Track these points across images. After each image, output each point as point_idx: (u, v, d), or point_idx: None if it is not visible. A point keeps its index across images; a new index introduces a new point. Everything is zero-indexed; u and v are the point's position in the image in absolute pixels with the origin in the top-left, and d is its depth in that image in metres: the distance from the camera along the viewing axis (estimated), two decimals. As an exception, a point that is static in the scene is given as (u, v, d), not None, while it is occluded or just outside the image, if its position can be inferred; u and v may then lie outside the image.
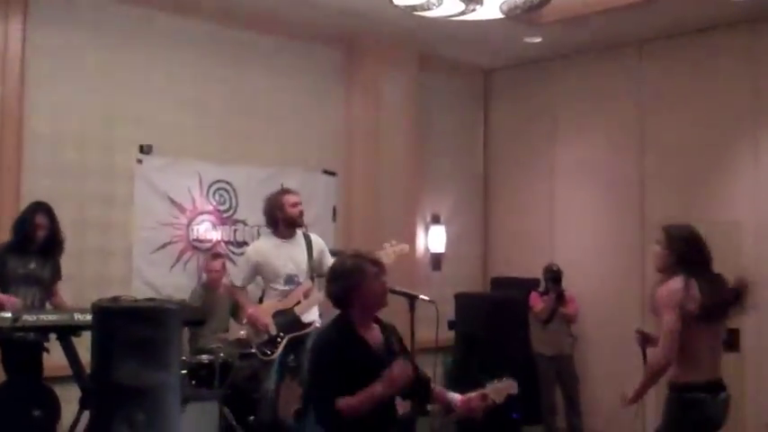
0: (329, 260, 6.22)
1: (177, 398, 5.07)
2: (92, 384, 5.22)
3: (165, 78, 7.91)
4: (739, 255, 8.10)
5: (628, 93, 9.09)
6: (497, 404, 4.07)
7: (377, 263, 4.02)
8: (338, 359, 3.81)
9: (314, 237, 6.67)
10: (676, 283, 4.90)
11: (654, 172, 8.84)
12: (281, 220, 6.54)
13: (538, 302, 8.73)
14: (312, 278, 6.50)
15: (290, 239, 6.55)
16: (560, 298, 8.70)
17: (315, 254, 6.54)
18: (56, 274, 6.65)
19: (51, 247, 6.55)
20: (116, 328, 4.92)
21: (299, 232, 6.62)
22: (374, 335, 4.01)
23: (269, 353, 6.42)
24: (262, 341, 6.46)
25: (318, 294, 6.32)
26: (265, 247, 6.60)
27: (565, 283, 8.73)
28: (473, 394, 4.09)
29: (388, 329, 4.10)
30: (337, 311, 4.06)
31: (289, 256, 6.50)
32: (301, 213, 6.55)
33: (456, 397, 4.12)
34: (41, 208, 6.47)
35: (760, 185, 8.08)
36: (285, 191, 6.70)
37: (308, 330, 6.45)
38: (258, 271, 6.59)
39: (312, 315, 6.51)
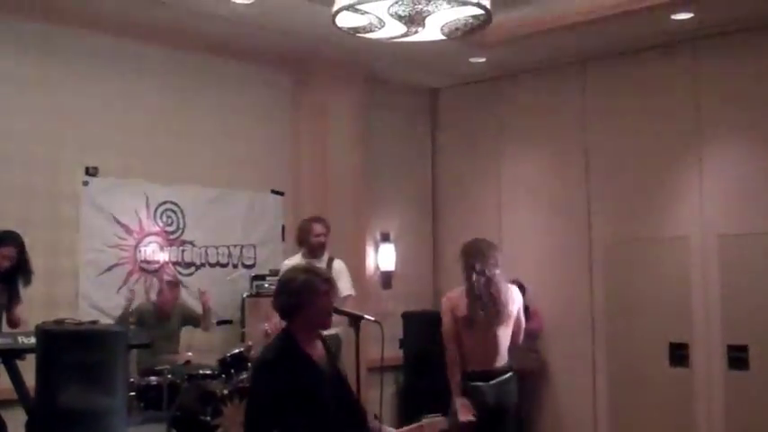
0: (342, 283, 6.85)
1: (123, 421, 5.07)
2: (37, 408, 5.19)
3: (111, 100, 7.89)
4: (686, 270, 8.25)
5: (572, 111, 9.20)
6: None
7: (328, 280, 4.05)
8: (279, 375, 3.80)
9: (337, 262, 7.35)
10: (454, 291, 5.95)
11: (600, 189, 8.95)
12: (306, 245, 7.32)
13: None
14: None
15: (313, 260, 6.99)
16: None
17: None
18: (14, 299, 6.56)
19: (15, 275, 6.51)
20: (60, 352, 4.93)
21: (326, 255, 7.33)
22: (317, 351, 4.01)
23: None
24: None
25: None
26: (292, 263, 7.04)
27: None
28: (409, 427, 4.13)
29: (330, 347, 4.13)
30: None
31: None
32: (321, 245, 7.31)
33: (392, 431, 4.16)
34: (9, 239, 6.45)
35: (705, 201, 8.19)
36: (315, 219, 7.46)
37: None
38: None
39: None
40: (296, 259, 7.21)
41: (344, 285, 6.98)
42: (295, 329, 3.95)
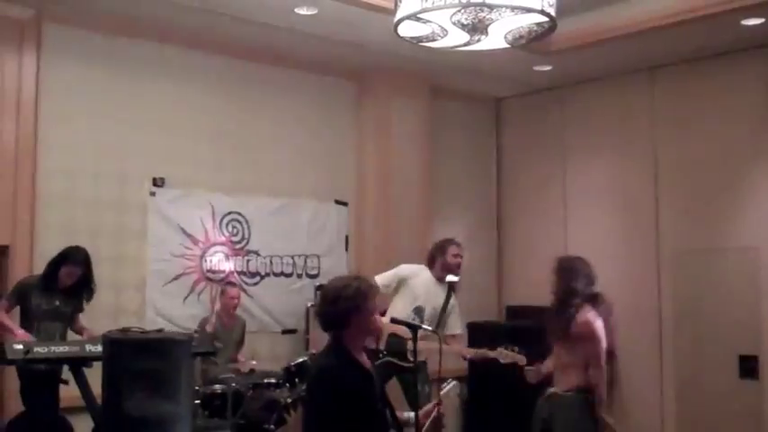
0: (454, 319, 6.93)
1: (187, 428, 5.11)
2: (103, 415, 5.26)
3: (177, 111, 8.01)
4: (756, 281, 8.07)
5: (640, 119, 9.06)
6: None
7: (371, 285, 4.07)
8: (336, 383, 3.80)
9: (454, 298, 7.01)
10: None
11: (668, 199, 8.80)
12: (439, 263, 7.03)
13: None
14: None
15: (439, 283, 6.97)
16: None
17: (448, 307, 6.90)
18: (77, 309, 6.72)
19: (79, 289, 6.64)
20: (126, 360, 4.98)
21: (447, 284, 7.01)
22: (365, 361, 4.01)
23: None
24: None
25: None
26: (422, 274, 7.05)
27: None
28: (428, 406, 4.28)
29: (372, 358, 4.12)
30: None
31: (432, 294, 6.92)
32: (459, 265, 7.06)
33: (411, 415, 4.17)
34: (76, 259, 6.54)
35: (776, 211, 8.04)
36: (452, 241, 7.19)
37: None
38: (400, 285, 6.97)
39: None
40: (422, 269, 7.12)
41: (456, 322, 6.97)
42: (347, 338, 3.92)
